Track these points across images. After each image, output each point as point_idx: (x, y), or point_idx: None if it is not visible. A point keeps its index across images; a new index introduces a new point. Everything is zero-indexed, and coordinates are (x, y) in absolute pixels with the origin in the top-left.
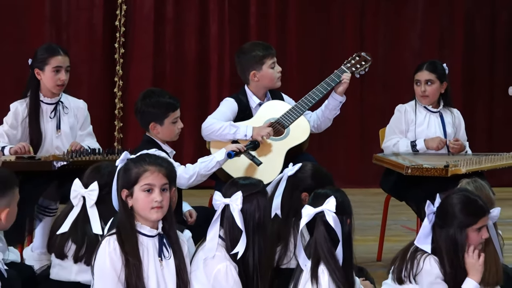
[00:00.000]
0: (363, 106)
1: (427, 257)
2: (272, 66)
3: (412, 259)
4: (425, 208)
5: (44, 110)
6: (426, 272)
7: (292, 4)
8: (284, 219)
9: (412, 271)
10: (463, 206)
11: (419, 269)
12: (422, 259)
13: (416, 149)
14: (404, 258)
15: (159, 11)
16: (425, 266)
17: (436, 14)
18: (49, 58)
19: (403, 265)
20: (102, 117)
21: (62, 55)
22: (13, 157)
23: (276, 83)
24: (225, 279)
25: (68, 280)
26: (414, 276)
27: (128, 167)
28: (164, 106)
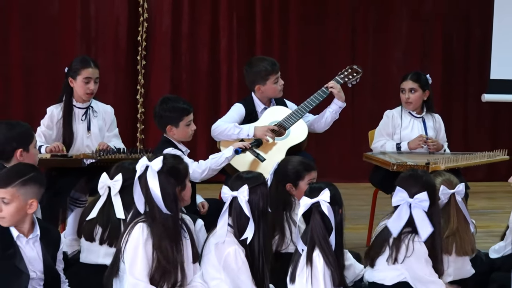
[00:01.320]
0: (354, 111)
1: (415, 237)
2: (275, 81)
3: (398, 243)
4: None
5: (76, 114)
6: (419, 251)
7: (292, 21)
8: (275, 211)
9: (406, 253)
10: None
11: (410, 251)
12: (411, 240)
13: (400, 150)
14: (383, 245)
15: (175, 28)
16: (416, 246)
17: (418, 30)
18: (81, 69)
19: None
20: (126, 120)
21: (92, 67)
22: (48, 155)
23: (277, 95)
24: (234, 260)
25: (96, 263)
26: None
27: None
28: (179, 110)
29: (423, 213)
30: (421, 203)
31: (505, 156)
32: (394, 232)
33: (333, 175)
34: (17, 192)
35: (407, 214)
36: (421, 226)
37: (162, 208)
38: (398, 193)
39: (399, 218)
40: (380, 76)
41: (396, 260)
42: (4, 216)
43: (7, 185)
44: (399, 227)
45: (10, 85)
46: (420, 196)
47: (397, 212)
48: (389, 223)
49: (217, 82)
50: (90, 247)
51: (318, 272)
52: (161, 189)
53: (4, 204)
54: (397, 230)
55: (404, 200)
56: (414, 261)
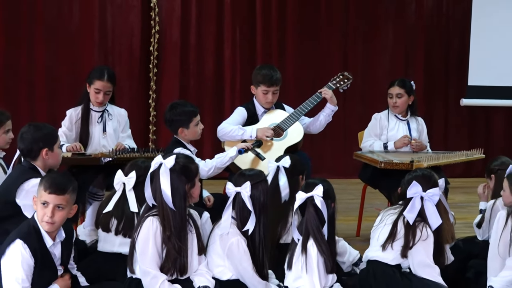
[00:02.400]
0: (345, 114)
1: (424, 225)
2: (264, 92)
3: (414, 229)
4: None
5: (93, 116)
6: (430, 237)
7: (289, 33)
8: (286, 203)
9: (413, 240)
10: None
11: (425, 236)
12: (424, 227)
13: (387, 149)
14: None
15: (184, 39)
16: (428, 231)
17: (403, 41)
18: (95, 80)
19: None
20: (139, 122)
21: (105, 81)
22: (69, 153)
23: (263, 105)
24: (237, 249)
25: (112, 251)
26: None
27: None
28: (187, 113)
29: (433, 206)
30: (432, 197)
31: (481, 154)
32: (410, 220)
33: (326, 172)
34: (70, 198)
35: (419, 206)
36: (431, 217)
37: (170, 205)
38: (414, 187)
39: (413, 208)
40: (368, 83)
41: (410, 244)
42: (55, 221)
43: (64, 193)
44: (413, 216)
45: (35, 90)
46: (432, 191)
47: (411, 203)
48: (405, 213)
49: (222, 88)
50: (106, 237)
51: (312, 259)
52: (172, 186)
53: (58, 210)
54: (412, 218)
55: (418, 193)
56: (422, 246)
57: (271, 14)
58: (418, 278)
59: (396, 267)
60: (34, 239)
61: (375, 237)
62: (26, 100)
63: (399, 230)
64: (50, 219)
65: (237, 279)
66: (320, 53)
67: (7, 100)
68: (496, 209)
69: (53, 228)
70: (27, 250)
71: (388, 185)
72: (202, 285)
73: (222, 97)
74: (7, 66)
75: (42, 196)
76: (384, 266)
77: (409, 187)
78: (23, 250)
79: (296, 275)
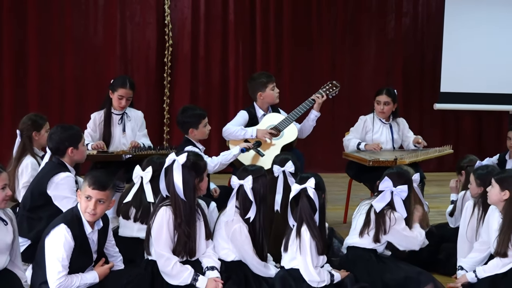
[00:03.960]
0: (334, 117)
1: (392, 211)
2: (272, 88)
3: (383, 217)
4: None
5: (114, 119)
6: (400, 219)
7: (285, 46)
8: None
9: (384, 226)
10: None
11: (393, 221)
12: (392, 213)
13: (359, 147)
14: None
15: (194, 51)
16: (396, 215)
17: (384, 53)
18: (118, 87)
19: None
20: (155, 123)
21: (127, 89)
22: (94, 151)
23: (275, 100)
24: (240, 234)
25: (131, 236)
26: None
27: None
28: (197, 116)
29: (401, 201)
30: (401, 193)
31: (450, 150)
32: (377, 209)
33: (317, 167)
34: (110, 194)
35: (389, 198)
36: (399, 210)
37: (181, 196)
38: (385, 182)
39: (383, 199)
40: (354, 90)
41: (385, 231)
42: (97, 213)
43: (105, 189)
44: (381, 206)
45: (65, 96)
46: (401, 187)
47: (382, 195)
48: (374, 203)
49: (226, 94)
50: (126, 223)
51: (305, 242)
52: (183, 180)
53: (99, 204)
54: (379, 208)
55: (388, 187)
56: (397, 228)
57: (269, 30)
58: (393, 261)
59: (372, 251)
60: (76, 226)
61: (354, 225)
62: (57, 104)
63: (372, 218)
64: (93, 211)
65: (240, 260)
66: (312, 65)
67: (41, 105)
68: (465, 200)
69: (94, 218)
70: (70, 234)
71: (370, 179)
72: (209, 265)
73: (227, 102)
74: (41, 75)
75: (86, 191)
76: (362, 251)
77: (382, 181)
78: (66, 234)
79: (291, 256)
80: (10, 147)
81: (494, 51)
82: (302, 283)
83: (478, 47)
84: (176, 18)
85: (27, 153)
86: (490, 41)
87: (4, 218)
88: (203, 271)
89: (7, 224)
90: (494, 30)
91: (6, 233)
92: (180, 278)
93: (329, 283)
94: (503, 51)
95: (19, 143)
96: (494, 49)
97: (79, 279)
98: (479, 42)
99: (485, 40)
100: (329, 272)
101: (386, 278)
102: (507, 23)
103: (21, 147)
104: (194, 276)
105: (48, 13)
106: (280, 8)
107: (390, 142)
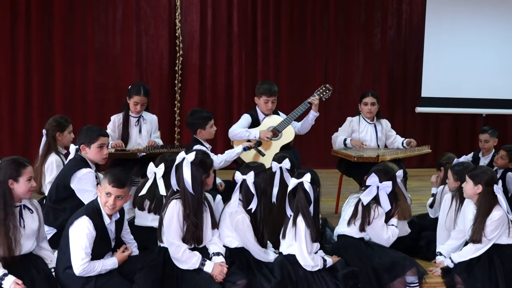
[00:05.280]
0: (326, 118)
1: (377, 206)
2: (265, 101)
3: (369, 209)
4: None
5: (132, 121)
6: (382, 214)
7: (283, 56)
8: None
9: (369, 218)
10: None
11: (377, 214)
12: (376, 207)
13: (345, 143)
14: (357, 212)
15: (202, 61)
16: (380, 210)
17: (371, 62)
18: (133, 94)
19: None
20: (167, 125)
21: (141, 96)
22: (113, 149)
23: (265, 112)
24: (242, 224)
25: (145, 225)
26: (372, 221)
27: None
28: (204, 118)
29: (385, 195)
30: (385, 188)
31: (429, 150)
32: (364, 202)
33: (312, 163)
34: (127, 190)
35: (375, 192)
36: (383, 203)
37: (190, 190)
38: (372, 177)
39: (369, 193)
40: (344, 94)
41: (369, 222)
42: (116, 208)
43: (123, 187)
44: (368, 199)
45: (86, 100)
46: (386, 183)
47: (369, 189)
48: (362, 196)
49: (231, 98)
50: (141, 214)
51: (301, 231)
52: (192, 175)
53: (118, 199)
54: (366, 201)
55: (375, 183)
56: (377, 223)
57: (269, 42)
58: (380, 247)
59: (360, 239)
60: (96, 217)
61: (343, 216)
62: (80, 107)
63: (359, 210)
64: (112, 206)
65: (242, 247)
66: (307, 72)
67: (65, 108)
68: (444, 193)
69: (113, 212)
70: (91, 224)
71: (359, 174)
72: (215, 251)
73: (231, 106)
74: (65, 82)
75: (106, 188)
76: (351, 239)
77: (369, 177)
78: (88, 225)
79: (289, 243)
80: (39, 144)
81: (469, 61)
82: (298, 267)
83: (455, 57)
84: (186, 31)
85: (52, 151)
86: (466, 51)
87: (30, 208)
88: (210, 257)
89: (32, 212)
90: (469, 41)
91: (32, 221)
92: (189, 263)
93: (322, 267)
94: (477, 60)
95: (45, 142)
96: (469, 59)
97: (101, 264)
98: (456, 52)
99: (462, 50)
100: (322, 258)
101: (374, 263)
102: (481, 35)
103: (46, 146)
104: (201, 261)
105: (72, 27)
106: (278, 22)
107: (375, 140)
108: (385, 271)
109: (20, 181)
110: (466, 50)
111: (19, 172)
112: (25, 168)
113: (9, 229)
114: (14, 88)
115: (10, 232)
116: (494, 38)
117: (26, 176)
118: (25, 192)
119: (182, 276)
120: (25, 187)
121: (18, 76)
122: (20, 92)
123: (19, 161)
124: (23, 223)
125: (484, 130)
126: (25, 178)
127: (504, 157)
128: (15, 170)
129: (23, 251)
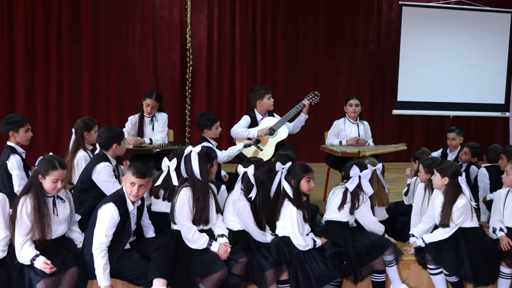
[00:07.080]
0: (316, 120)
1: (363, 193)
2: (268, 98)
3: (357, 196)
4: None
5: (146, 121)
6: (367, 200)
7: (279, 66)
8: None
9: (358, 203)
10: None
11: (364, 199)
12: (364, 194)
13: (341, 144)
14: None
15: (209, 70)
16: (365, 196)
17: (354, 71)
18: (147, 97)
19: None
20: (179, 125)
21: (153, 99)
22: (131, 146)
23: (270, 108)
24: (243, 210)
25: (160, 211)
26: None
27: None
28: (211, 119)
29: (367, 181)
30: (366, 175)
31: (404, 147)
32: (350, 189)
33: (303, 158)
34: (148, 180)
35: (358, 181)
36: (366, 188)
37: (198, 176)
38: (354, 169)
39: (353, 182)
40: (331, 99)
41: (358, 206)
42: (139, 195)
43: (145, 177)
44: (353, 187)
45: (110, 103)
46: (366, 171)
47: (352, 179)
48: (347, 185)
49: (234, 103)
50: (157, 202)
51: (293, 213)
52: (199, 164)
53: (141, 188)
54: (352, 188)
55: (357, 173)
56: (363, 209)
57: (266, 54)
58: (361, 231)
59: (345, 224)
60: (121, 204)
61: (331, 203)
62: (104, 110)
63: (348, 196)
64: (136, 193)
65: (244, 230)
66: (299, 80)
67: (92, 111)
68: (417, 183)
69: (137, 199)
70: (116, 210)
71: (343, 167)
72: (220, 233)
73: (234, 109)
74: (91, 88)
75: (131, 178)
76: (337, 224)
77: (351, 169)
78: (113, 210)
79: (283, 226)
80: (69, 141)
81: (438, 69)
82: (292, 247)
83: (426, 66)
84: (195, 44)
85: (80, 148)
86: (435, 61)
87: (63, 198)
88: (215, 238)
89: (65, 202)
90: (438, 53)
91: (64, 209)
92: (199, 243)
93: (312, 247)
94: (446, 69)
95: (74, 140)
96: (439, 68)
97: (108, 266)
98: (427, 63)
99: (432, 61)
100: (313, 239)
101: (357, 244)
102: (449, 47)
103: (75, 143)
104: (209, 242)
105: (97, 42)
106: (274, 38)
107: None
108: (366, 252)
109: (47, 179)
110: (436, 60)
111: (47, 171)
112: (54, 170)
113: (43, 216)
114: (48, 95)
115: (44, 219)
116: (462, 49)
117: (53, 177)
118: (50, 190)
119: (192, 254)
120: (49, 186)
121: (52, 85)
122: (53, 98)
123: (52, 162)
124: (56, 211)
125: (451, 130)
126: (51, 178)
127: (468, 153)
128: (45, 169)
129: (56, 234)
